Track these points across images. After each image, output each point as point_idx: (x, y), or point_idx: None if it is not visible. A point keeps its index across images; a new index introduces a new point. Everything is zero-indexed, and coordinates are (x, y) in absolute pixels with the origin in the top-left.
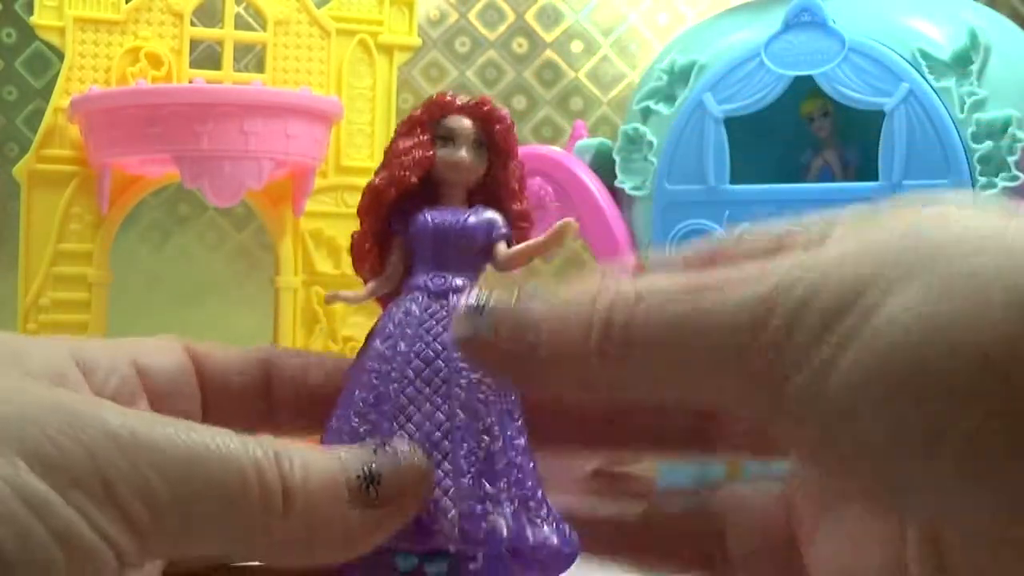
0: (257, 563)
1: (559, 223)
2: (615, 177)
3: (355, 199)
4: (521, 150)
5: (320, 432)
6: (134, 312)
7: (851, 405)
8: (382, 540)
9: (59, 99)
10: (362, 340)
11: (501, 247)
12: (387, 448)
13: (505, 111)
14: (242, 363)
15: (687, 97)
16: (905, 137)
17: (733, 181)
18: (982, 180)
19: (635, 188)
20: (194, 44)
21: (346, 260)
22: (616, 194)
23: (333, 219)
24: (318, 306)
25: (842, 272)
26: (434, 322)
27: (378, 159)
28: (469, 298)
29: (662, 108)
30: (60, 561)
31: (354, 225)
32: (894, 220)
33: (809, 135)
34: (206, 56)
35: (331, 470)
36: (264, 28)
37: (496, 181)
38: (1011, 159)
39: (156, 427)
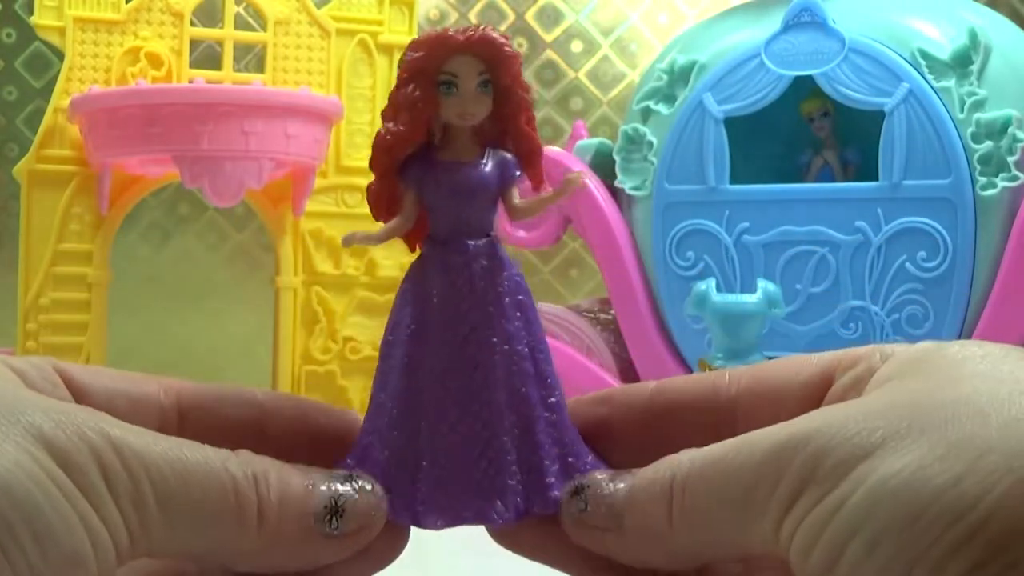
0: None
1: (567, 176)
2: (615, 177)
3: (355, 199)
4: None
5: None
6: (134, 312)
7: (843, 548)
8: (334, 561)
9: (59, 99)
10: (362, 340)
11: (515, 194)
12: (355, 482)
13: (509, 45)
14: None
15: (687, 97)
16: (905, 137)
17: (733, 181)
18: (982, 180)
19: (635, 188)
20: (194, 44)
21: (346, 260)
22: (616, 194)
23: (333, 219)
24: (318, 306)
25: (862, 426)
26: (459, 299)
27: None
28: (571, 483)
29: (662, 108)
30: (82, 530)
31: (354, 226)
32: (931, 376)
33: (809, 135)
34: (206, 56)
35: (301, 498)
36: (264, 28)
37: (503, 118)
38: (1011, 159)
39: (147, 440)
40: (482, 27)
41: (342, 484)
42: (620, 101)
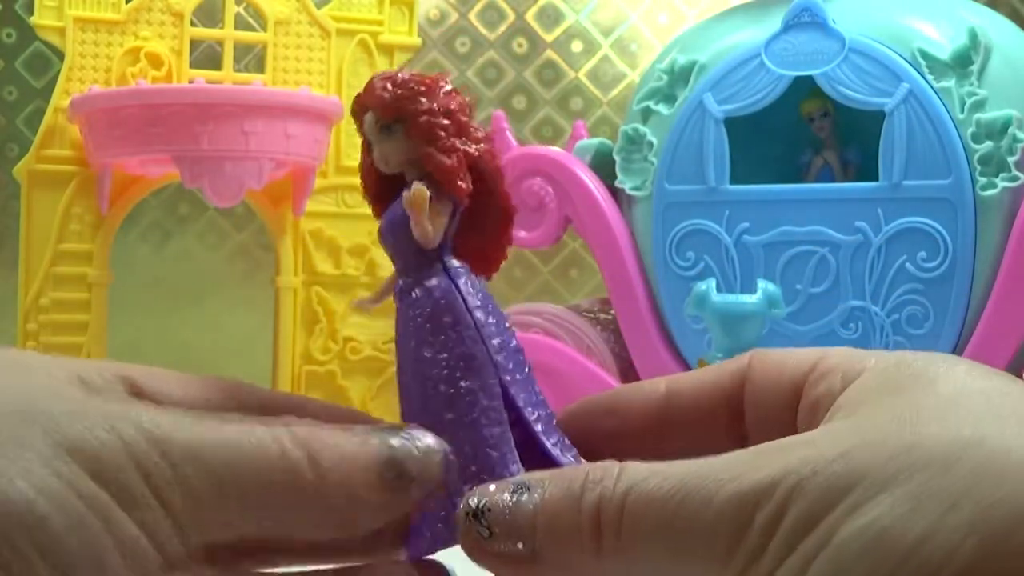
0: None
1: (405, 194)
2: (615, 177)
3: (355, 199)
4: (521, 150)
5: None
6: (134, 312)
7: None
8: (399, 515)
9: (59, 99)
10: (362, 340)
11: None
12: (407, 436)
13: (379, 83)
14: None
15: (687, 97)
16: (905, 137)
17: (733, 181)
18: (982, 180)
19: (635, 188)
20: (194, 44)
21: (346, 260)
22: (616, 194)
23: (333, 219)
24: (318, 306)
25: (827, 474)
26: (399, 329)
27: None
28: (468, 501)
29: (662, 108)
30: (112, 552)
31: (354, 225)
32: (897, 408)
33: (809, 135)
34: (206, 56)
35: (359, 456)
36: (264, 28)
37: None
38: (1011, 159)
39: (186, 422)
40: (373, 77)
41: (393, 437)
42: (620, 101)
